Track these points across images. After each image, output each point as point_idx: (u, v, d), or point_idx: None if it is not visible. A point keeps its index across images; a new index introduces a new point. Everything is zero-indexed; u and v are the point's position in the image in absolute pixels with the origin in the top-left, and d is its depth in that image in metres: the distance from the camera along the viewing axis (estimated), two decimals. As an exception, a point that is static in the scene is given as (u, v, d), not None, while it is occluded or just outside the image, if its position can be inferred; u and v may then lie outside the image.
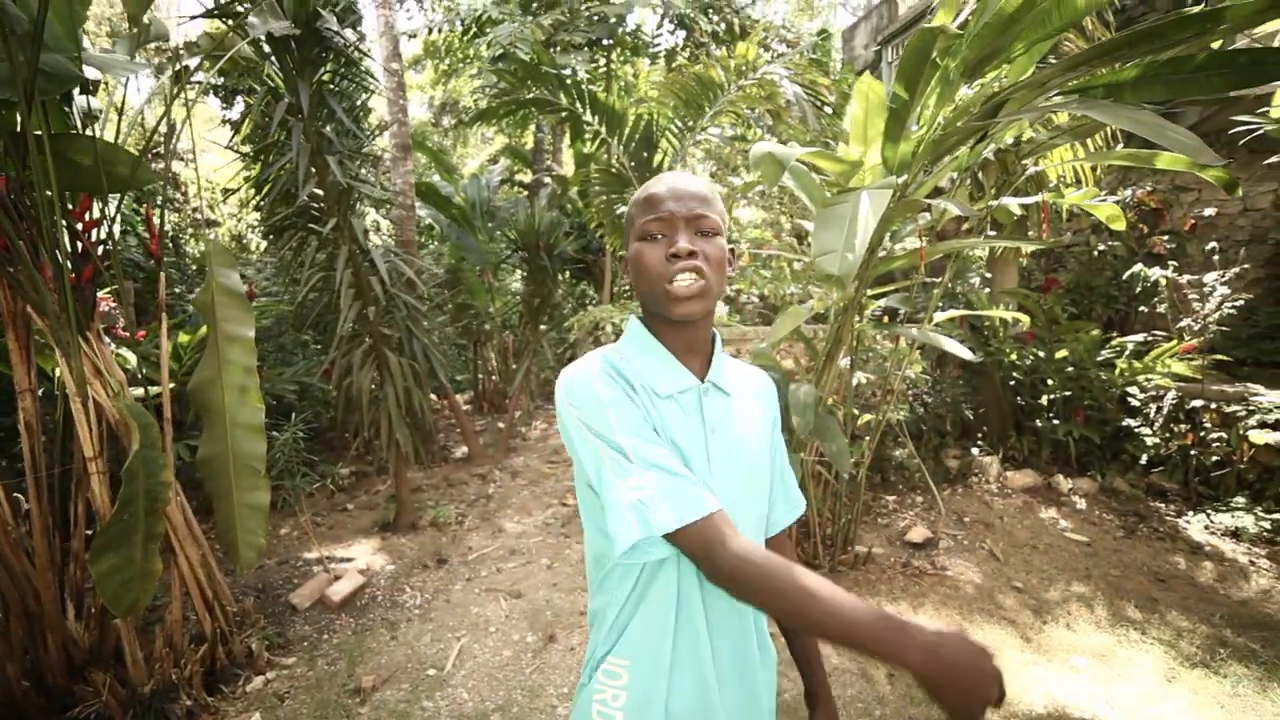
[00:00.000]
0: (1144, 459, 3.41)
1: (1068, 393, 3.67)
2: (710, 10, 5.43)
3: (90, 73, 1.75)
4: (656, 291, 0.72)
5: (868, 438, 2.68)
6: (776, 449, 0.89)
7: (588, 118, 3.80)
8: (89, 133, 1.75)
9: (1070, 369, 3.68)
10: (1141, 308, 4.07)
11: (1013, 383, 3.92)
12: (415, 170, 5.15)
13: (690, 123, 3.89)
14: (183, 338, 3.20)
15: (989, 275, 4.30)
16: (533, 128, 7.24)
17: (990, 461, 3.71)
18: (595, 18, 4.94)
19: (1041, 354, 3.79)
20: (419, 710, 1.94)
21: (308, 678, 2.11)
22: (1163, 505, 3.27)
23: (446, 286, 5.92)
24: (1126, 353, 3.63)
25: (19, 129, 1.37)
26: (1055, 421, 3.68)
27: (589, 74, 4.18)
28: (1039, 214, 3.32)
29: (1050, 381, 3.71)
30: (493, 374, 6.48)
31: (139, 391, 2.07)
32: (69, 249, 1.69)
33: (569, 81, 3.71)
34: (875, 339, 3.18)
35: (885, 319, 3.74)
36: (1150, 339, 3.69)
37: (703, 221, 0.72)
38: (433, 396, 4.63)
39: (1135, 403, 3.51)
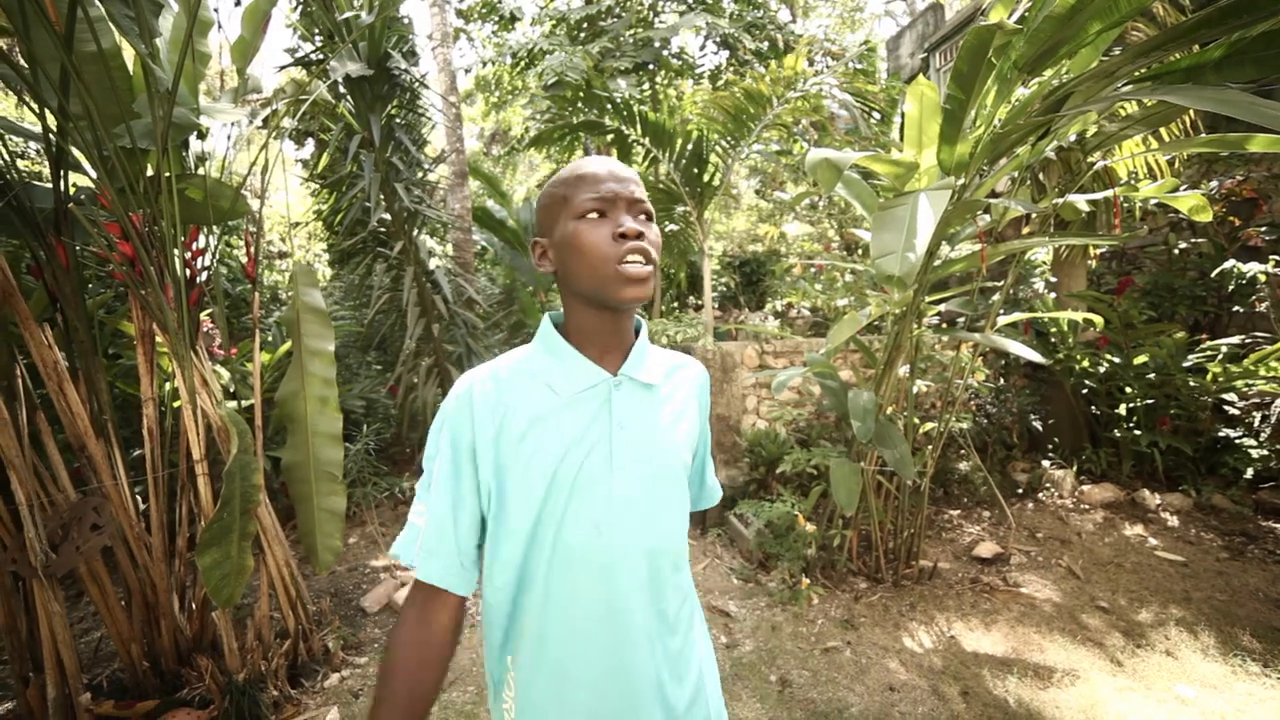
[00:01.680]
0: (1249, 473, 3.11)
1: (1150, 401, 3.42)
2: (754, 28, 5.51)
3: (205, 120, 1.98)
4: (602, 273, 0.66)
5: (929, 447, 2.59)
6: (703, 442, 0.87)
7: (636, 136, 3.92)
8: (200, 172, 1.97)
9: (1152, 375, 3.43)
10: (1236, 308, 3.74)
11: (1085, 391, 3.68)
12: (470, 196, 5.42)
13: (738, 137, 3.94)
14: (263, 357, 3.47)
15: (1054, 279, 4.09)
16: (580, 152, 7.50)
17: (1063, 475, 3.49)
18: (640, 43, 5.11)
19: (1117, 360, 3.55)
20: (485, 712, 1.99)
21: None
22: (1278, 525, 2.97)
23: (501, 306, 6.16)
24: (1220, 356, 3.35)
25: (152, 172, 1.57)
26: (1137, 432, 3.42)
27: (637, 97, 4.32)
28: (1110, 210, 3.15)
29: (1129, 389, 3.47)
30: (545, 390, 6.63)
31: (231, 404, 2.26)
32: (182, 275, 1.89)
33: (619, 102, 3.85)
34: (935, 346, 3.09)
35: (945, 325, 3.62)
36: (1249, 341, 3.39)
37: (642, 205, 0.69)
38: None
39: (1234, 411, 3.22)
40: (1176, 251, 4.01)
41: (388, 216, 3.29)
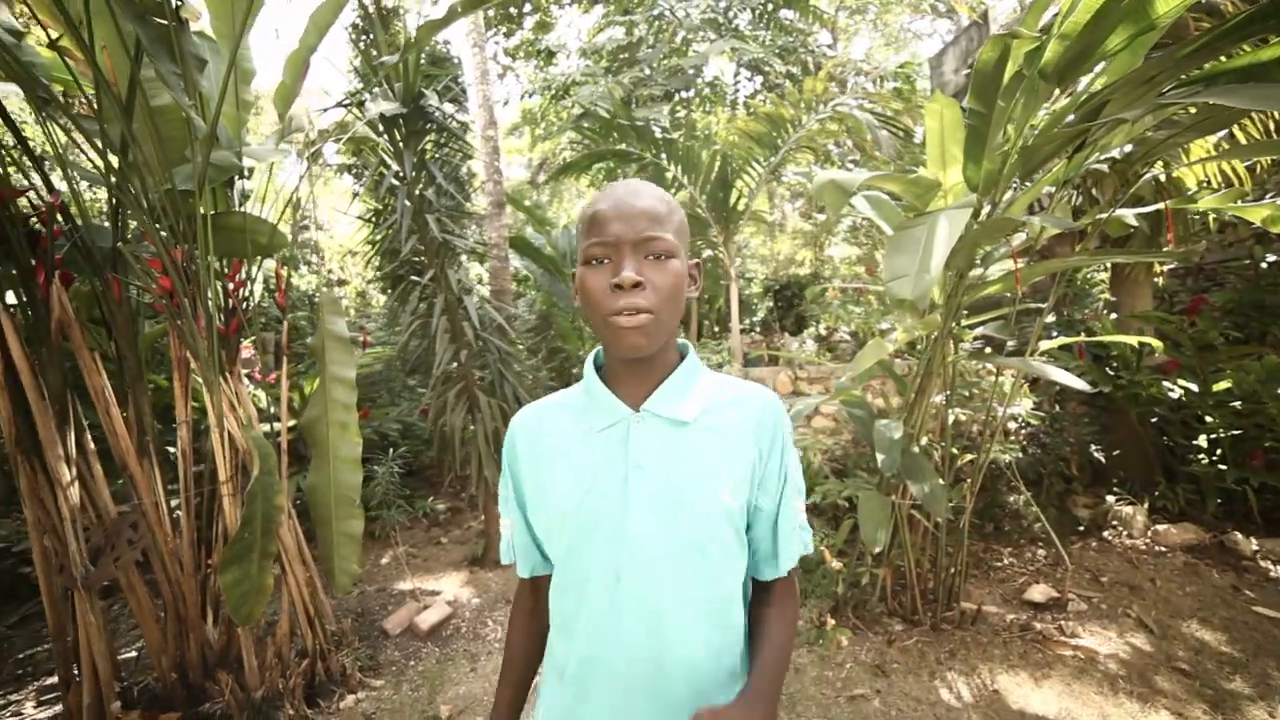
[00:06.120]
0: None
1: (1236, 431, 3.06)
2: (785, 53, 5.51)
3: (247, 161, 2.13)
4: (598, 324, 0.66)
5: (969, 480, 2.40)
6: (765, 490, 0.73)
7: (664, 164, 3.95)
8: (242, 210, 2.12)
9: (1238, 403, 3.08)
10: (1335, 328, 3.34)
11: (1155, 420, 3.35)
12: (511, 225, 5.61)
13: (764, 161, 3.91)
14: (307, 383, 3.65)
15: (1114, 298, 3.79)
16: (604, 177, 7.64)
17: (1133, 512, 3.16)
18: (671, 71, 5.21)
19: (1193, 386, 3.22)
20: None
21: (392, 701, 2.20)
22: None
23: (536, 332, 6.27)
24: (1319, 383, 2.98)
25: (195, 212, 1.71)
26: (1222, 467, 3.07)
27: (666, 125, 4.39)
28: (1182, 223, 2.90)
29: (1209, 419, 3.13)
30: (580, 414, 6.67)
31: (267, 427, 2.38)
32: (222, 305, 2.03)
33: (647, 131, 3.90)
34: (976, 372, 2.90)
35: (986, 350, 3.39)
36: (1352, 365, 3.00)
37: (654, 244, 0.64)
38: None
39: (1338, 445, 2.84)
40: (1264, 265, 3.63)
41: (421, 246, 3.42)
